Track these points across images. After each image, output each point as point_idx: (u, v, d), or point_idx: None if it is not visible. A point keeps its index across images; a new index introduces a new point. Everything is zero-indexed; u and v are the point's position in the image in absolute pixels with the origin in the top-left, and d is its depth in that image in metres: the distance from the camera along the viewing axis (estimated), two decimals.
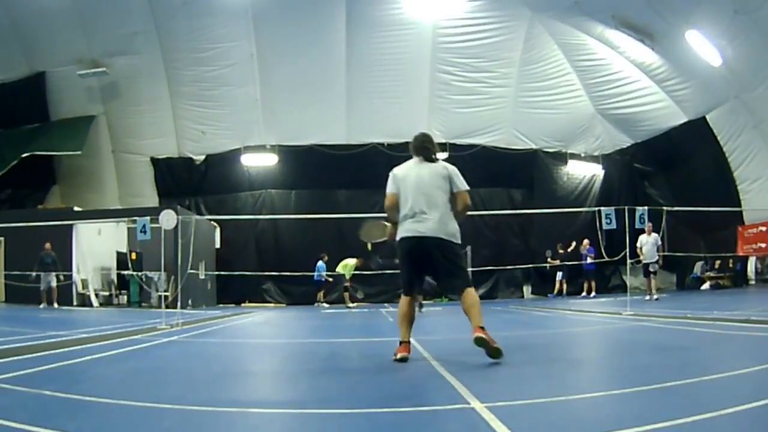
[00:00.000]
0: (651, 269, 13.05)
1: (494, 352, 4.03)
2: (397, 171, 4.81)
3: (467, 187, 4.52)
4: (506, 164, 18.93)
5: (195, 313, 12.17)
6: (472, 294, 4.31)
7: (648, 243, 12.90)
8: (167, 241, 9.14)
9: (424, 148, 4.74)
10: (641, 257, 13.02)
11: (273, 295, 18.88)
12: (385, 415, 2.73)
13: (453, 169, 4.58)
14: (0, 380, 3.58)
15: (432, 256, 4.37)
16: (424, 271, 4.66)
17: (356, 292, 17.24)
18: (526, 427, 2.44)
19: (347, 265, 15.97)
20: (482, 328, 4.09)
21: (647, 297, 12.55)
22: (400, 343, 4.44)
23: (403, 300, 4.58)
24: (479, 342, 4.06)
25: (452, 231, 4.42)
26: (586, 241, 16.82)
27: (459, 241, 4.47)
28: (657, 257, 12.98)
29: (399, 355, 4.32)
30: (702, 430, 2.29)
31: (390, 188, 4.81)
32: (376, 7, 16.13)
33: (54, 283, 14.35)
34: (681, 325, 6.89)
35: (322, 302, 17.32)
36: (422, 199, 4.48)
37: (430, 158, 4.69)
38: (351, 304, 16.32)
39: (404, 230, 4.53)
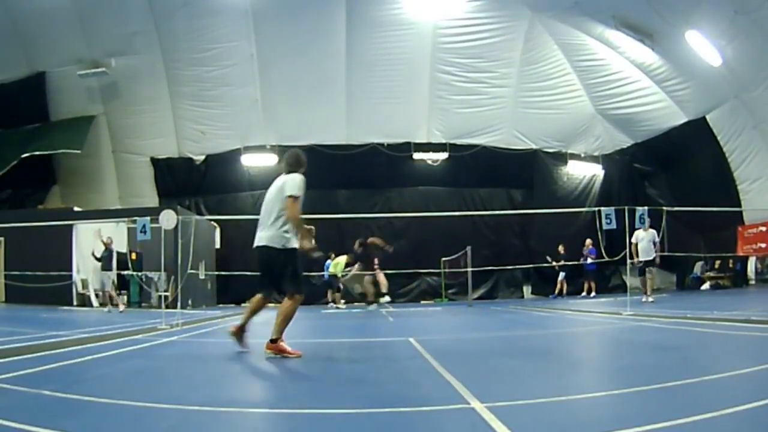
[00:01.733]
0: (647, 268, 12.50)
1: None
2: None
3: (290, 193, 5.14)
4: (506, 164, 18.93)
5: (195, 313, 12.17)
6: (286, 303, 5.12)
7: (644, 239, 12.11)
8: (167, 241, 9.14)
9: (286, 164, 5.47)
10: (636, 258, 12.26)
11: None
12: (385, 415, 2.73)
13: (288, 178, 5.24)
14: (0, 380, 3.58)
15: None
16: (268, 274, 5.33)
17: (350, 290, 16.79)
18: (526, 427, 2.44)
19: (338, 264, 15.88)
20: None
21: (643, 298, 12.13)
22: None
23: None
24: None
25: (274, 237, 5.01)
26: (588, 241, 16.80)
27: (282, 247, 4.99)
28: (654, 255, 12.27)
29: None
30: (702, 430, 2.29)
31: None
32: (376, 7, 16.12)
33: (108, 286, 13.74)
34: (681, 325, 6.89)
35: (338, 304, 16.55)
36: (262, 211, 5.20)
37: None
38: (340, 304, 16.22)
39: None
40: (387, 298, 14.20)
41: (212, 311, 14.42)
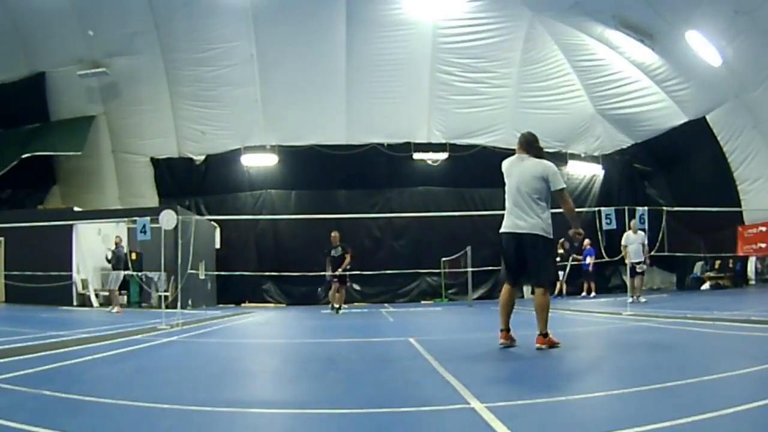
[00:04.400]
0: (638, 269, 12.51)
1: None
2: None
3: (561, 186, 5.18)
4: None
5: (195, 314, 12.17)
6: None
7: (634, 242, 12.34)
8: (167, 241, 9.14)
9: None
10: (625, 256, 12.39)
11: (273, 295, 18.88)
12: (385, 415, 2.73)
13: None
14: (0, 380, 3.58)
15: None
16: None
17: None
18: (526, 427, 2.44)
19: None
20: None
21: (630, 299, 11.96)
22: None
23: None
24: None
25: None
26: (587, 242, 16.80)
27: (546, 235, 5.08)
28: (643, 257, 12.42)
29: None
30: (702, 430, 2.29)
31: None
32: (376, 7, 16.12)
33: (113, 285, 13.66)
34: (681, 325, 6.89)
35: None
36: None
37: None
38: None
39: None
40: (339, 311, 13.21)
41: (212, 311, 14.42)
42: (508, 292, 5.21)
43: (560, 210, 5.37)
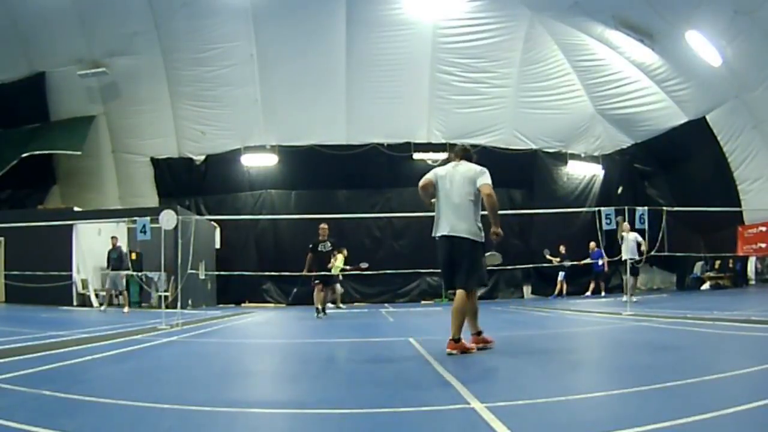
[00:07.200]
0: (632, 268, 12.32)
1: None
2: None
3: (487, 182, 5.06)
4: (506, 164, 18.83)
5: (195, 314, 12.17)
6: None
7: (628, 239, 12.38)
8: (167, 241, 9.14)
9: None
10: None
11: (273, 295, 18.87)
12: (385, 415, 2.73)
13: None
14: (0, 380, 3.58)
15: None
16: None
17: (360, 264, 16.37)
18: (526, 427, 2.44)
19: (337, 259, 15.79)
20: None
21: (624, 297, 11.95)
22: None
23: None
24: None
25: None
26: (592, 244, 16.73)
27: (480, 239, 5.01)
28: (638, 257, 12.41)
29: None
30: (702, 430, 2.29)
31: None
32: (376, 7, 16.12)
33: (121, 286, 13.86)
34: (681, 325, 6.89)
35: (339, 305, 16.50)
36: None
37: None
38: (341, 305, 16.22)
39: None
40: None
41: (212, 311, 14.42)
42: (462, 297, 4.86)
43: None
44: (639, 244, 12.42)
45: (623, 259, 12.24)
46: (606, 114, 18.60)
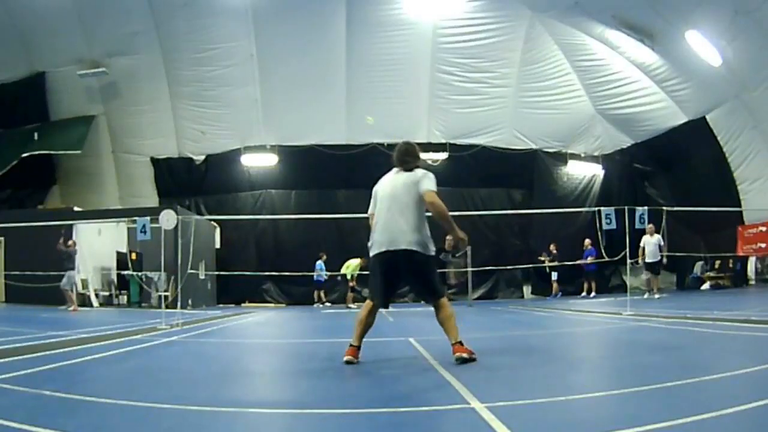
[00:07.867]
0: (654, 268, 13.71)
1: None
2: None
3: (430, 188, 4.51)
4: (506, 164, 18.91)
5: (195, 313, 12.17)
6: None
7: (650, 244, 13.51)
8: (167, 241, 9.15)
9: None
10: (640, 258, 13.39)
11: (273, 295, 18.88)
12: (385, 415, 2.73)
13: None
14: (0, 380, 3.58)
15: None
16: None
17: (361, 292, 17.08)
18: (526, 427, 2.44)
19: (350, 266, 15.99)
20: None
21: (646, 295, 12.66)
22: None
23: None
24: None
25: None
26: (587, 242, 16.79)
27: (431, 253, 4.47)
28: (660, 257, 13.55)
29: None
30: (702, 430, 2.29)
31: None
32: (376, 7, 16.12)
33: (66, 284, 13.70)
34: (681, 325, 6.89)
35: (325, 302, 17.30)
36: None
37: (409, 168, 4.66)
38: (352, 305, 16.30)
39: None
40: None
41: (212, 311, 14.42)
42: (370, 309, 4.49)
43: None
44: (661, 247, 13.48)
45: (647, 261, 13.15)
46: (606, 114, 18.60)
